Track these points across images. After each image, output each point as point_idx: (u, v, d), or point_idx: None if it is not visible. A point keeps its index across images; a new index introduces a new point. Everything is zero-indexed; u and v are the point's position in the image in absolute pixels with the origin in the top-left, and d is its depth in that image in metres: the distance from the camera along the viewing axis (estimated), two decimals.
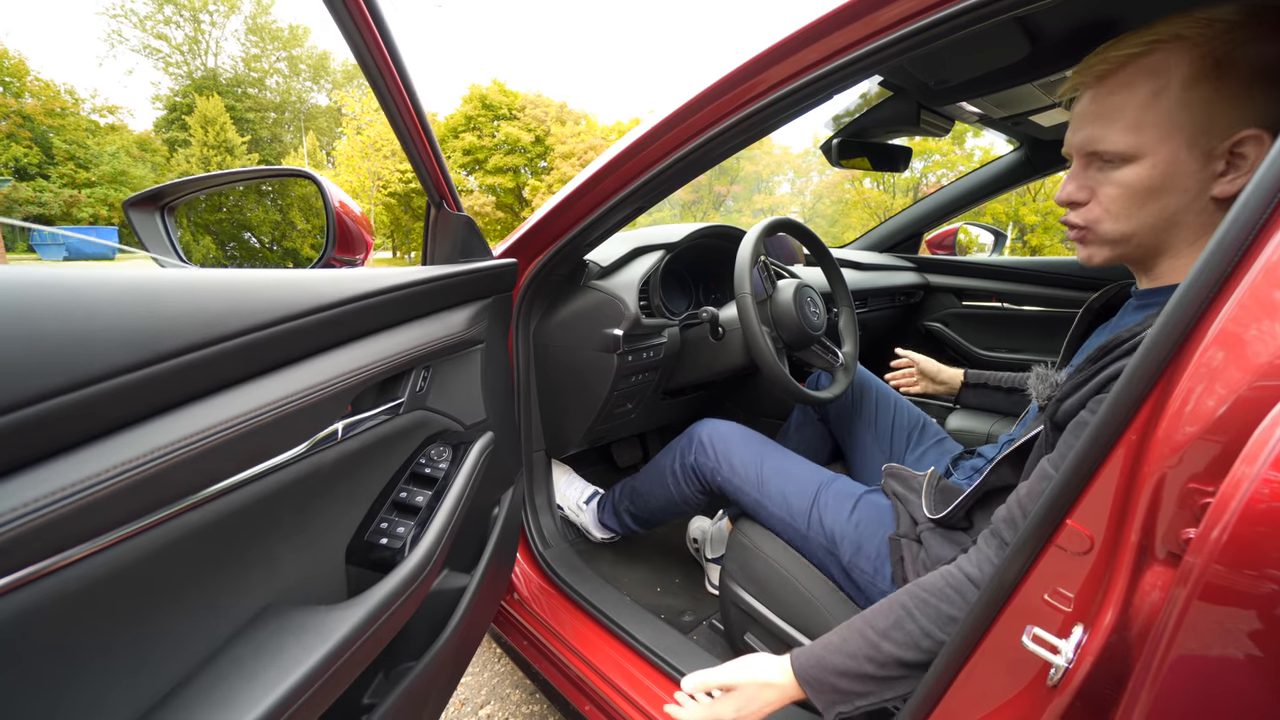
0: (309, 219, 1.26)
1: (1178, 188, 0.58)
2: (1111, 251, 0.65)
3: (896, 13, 0.64)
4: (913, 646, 0.63)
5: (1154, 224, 0.61)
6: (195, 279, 0.42)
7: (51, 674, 0.31)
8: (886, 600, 0.67)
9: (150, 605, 0.38)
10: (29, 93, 26.98)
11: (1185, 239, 0.61)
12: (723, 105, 0.81)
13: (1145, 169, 0.59)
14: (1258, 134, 0.54)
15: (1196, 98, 0.55)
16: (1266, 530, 0.34)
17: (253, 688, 0.40)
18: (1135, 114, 0.58)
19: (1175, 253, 0.62)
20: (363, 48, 0.59)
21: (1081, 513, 0.49)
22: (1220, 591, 0.35)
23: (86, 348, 0.31)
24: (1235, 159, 0.56)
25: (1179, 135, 0.57)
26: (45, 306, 0.31)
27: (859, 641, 0.66)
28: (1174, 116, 0.56)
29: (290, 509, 0.52)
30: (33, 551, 0.28)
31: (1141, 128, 0.58)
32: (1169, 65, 0.56)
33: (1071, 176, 0.65)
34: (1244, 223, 0.41)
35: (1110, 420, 0.46)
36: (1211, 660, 0.36)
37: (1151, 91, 0.57)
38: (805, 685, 0.67)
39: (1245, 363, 0.39)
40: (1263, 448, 0.35)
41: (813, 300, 1.17)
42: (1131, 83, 0.58)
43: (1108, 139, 0.60)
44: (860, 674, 0.64)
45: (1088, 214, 0.64)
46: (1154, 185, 0.59)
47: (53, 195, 25.54)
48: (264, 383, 0.44)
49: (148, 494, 0.35)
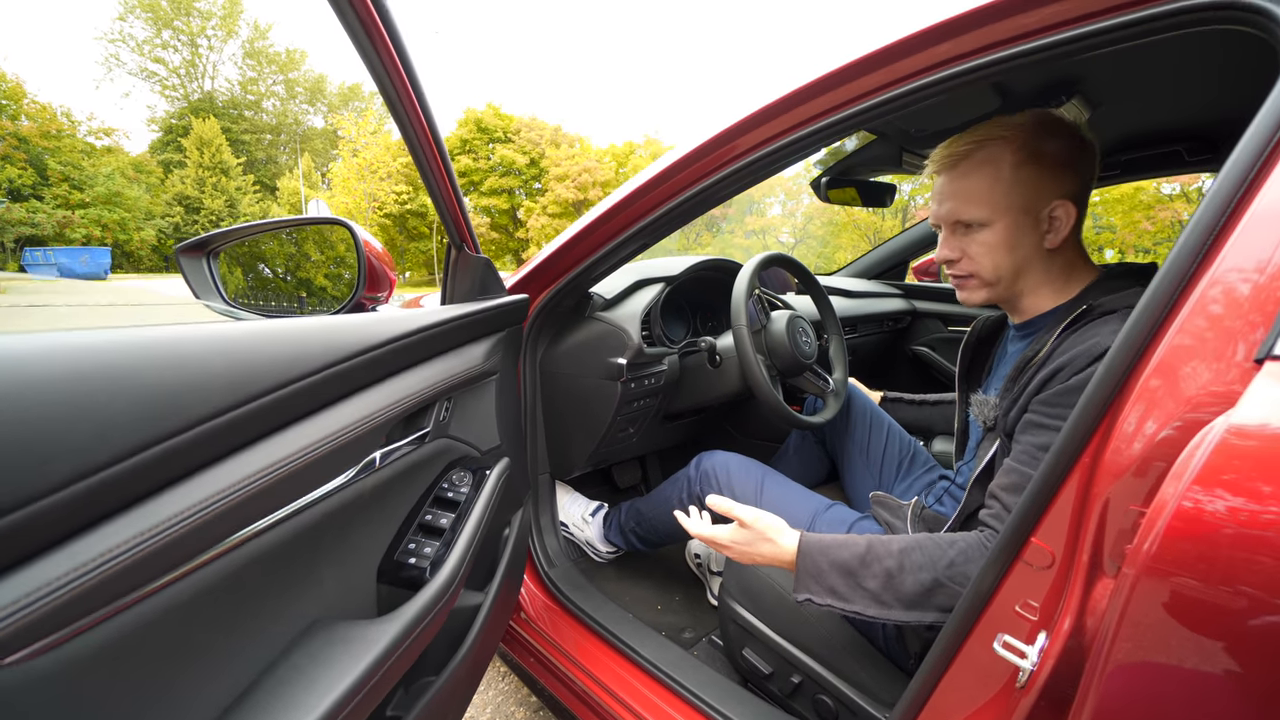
0: (322, 250, 1.33)
1: (1022, 244, 0.79)
2: (988, 293, 0.84)
3: (880, 79, 0.73)
4: (902, 570, 0.71)
5: (1012, 269, 0.81)
6: (264, 330, 0.48)
7: (160, 675, 0.37)
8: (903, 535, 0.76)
9: (229, 620, 0.43)
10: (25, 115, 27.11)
11: (1036, 281, 0.82)
12: (728, 151, 0.88)
13: (997, 232, 0.79)
14: (1064, 203, 0.77)
15: (1023, 177, 0.77)
16: (1190, 542, 0.40)
17: (312, 692, 0.46)
18: (984, 193, 0.78)
19: (1031, 292, 0.83)
20: (405, 119, 0.66)
21: (1044, 531, 0.55)
22: (1151, 598, 0.41)
23: (195, 393, 0.37)
24: (1053, 221, 0.78)
25: (1016, 206, 0.77)
26: (162, 357, 0.37)
27: (862, 546, 0.74)
28: (1010, 193, 0.77)
29: (333, 532, 0.57)
30: (169, 561, 0.34)
31: (989, 202, 0.78)
32: (1000, 156, 0.77)
33: (943, 243, 0.85)
34: (1174, 276, 0.48)
35: (1067, 447, 0.53)
36: (1146, 659, 0.42)
37: (992, 175, 0.78)
38: (799, 557, 0.77)
39: (1178, 394, 0.46)
40: (1185, 468, 0.41)
41: (804, 330, 1.24)
42: (976, 170, 0.79)
43: (968, 212, 0.80)
44: (847, 570, 0.74)
45: (967, 266, 0.83)
46: (1005, 242, 0.79)
47: (46, 216, 25.55)
48: (322, 418, 0.50)
49: (236, 518, 0.40)
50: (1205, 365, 0.45)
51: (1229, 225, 0.47)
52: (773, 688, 0.98)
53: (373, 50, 0.59)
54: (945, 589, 0.69)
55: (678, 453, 1.82)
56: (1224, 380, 0.44)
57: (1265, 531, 0.37)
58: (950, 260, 0.84)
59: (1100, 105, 1.07)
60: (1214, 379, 0.44)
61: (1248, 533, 0.37)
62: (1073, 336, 0.71)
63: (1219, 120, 1.16)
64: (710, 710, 0.91)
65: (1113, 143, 1.36)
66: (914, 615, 0.70)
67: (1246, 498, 0.38)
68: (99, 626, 0.32)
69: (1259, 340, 0.42)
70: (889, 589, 0.71)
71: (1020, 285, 0.82)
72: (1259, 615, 0.37)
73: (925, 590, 0.70)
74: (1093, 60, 0.92)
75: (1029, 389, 0.73)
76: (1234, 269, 0.46)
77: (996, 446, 0.79)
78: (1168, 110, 1.17)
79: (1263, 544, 0.37)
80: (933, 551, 0.71)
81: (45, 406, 0.30)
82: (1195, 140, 1.25)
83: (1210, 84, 0.98)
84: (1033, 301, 0.83)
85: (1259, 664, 0.38)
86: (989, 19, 0.63)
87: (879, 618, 0.72)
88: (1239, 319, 0.44)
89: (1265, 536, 0.37)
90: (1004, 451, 0.78)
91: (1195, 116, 1.18)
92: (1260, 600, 0.37)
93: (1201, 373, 0.45)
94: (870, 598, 0.72)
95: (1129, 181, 1.51)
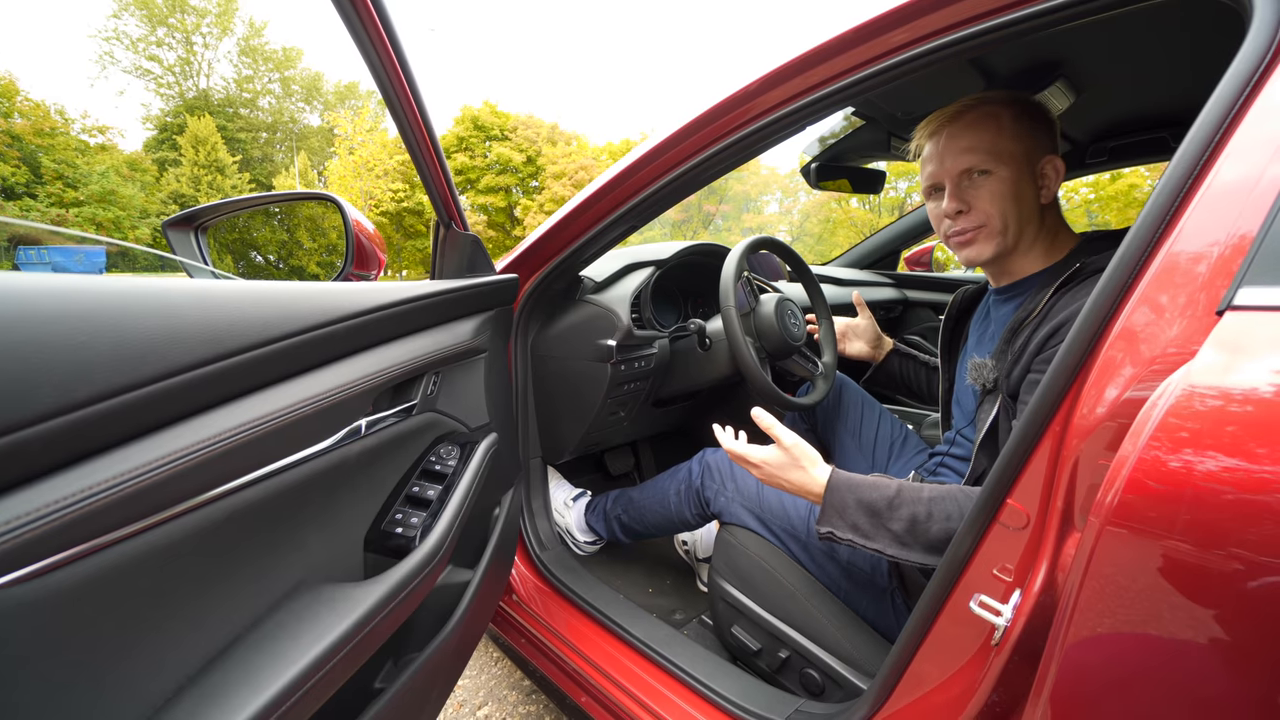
0: (315, 238, 1.34)
1: (1024, 194, 0.82)
2: (999, 242, 0.85)
3: (868, 52, 0.73)
4: (930, 518, 0.72)
5: (1017, 219, 0.83)
6: (249, 288, 0.49)
7: (147, 617, 0.37)
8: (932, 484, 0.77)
9: (214, 571, 0.44)
10: (18, 113, 26.96)
11: (1031, 238, 0.85)
12: (712, 131, 0.89)
13: (1004, 180, 0.82)
14: (1053, 159, 0.82)
15: (1021, 131, 0.81)
16: (1148, 494, 0.41)
17: (297, 646, 0.46)
18: (989, 142, 0.82)
19: (1026, 251, 0.86)
20: (387, 83, 0.67)
21: (1019, 492, 0.56)
22: (1113, 548, 0.42)
23: (178, 343, 0.38)
24: (1044, 178, 0.83)
25: (1019, 156, 0.81)
26: (145, 305, 0.37)
27: (891, 490, 0.76)
28: (1013, 143, 0.81)
29: (319, 496, 0.58)
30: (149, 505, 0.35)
31: (994, 151, 0.81)
32: (999, 110, 0.82)
33: (950, 196, 0.86)
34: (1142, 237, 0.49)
35: (1039, 409, 0.54)
36: (1109, 608, 0.43)
37: (995, 127, 0.81)
38: (828, 492, 0.79)
39: (1140, 355, 0.47)
40: (1144, 425, 0.42)
41: (793, 313, 1.25)
42: (979, 122, 0.82)
43: (975, 160, 0.83)
44: (873, 511, 0.75)
45: (976, 218, 0.85)
46: (1010, 191, 0.82)
47: (39, 214, 25.40)
48: (306, 380, 0.51)
49: (219, 469, 0.41)
50: (1169, 324, 0.46)
51: (1194, 187, 0.48)
52: (761, 663, 0.99)
53: (356, 17, 0.60)
54: None
55: (670, 441, 1.83)
56: (1186, 338, 0.45)
57: (1219, 486, 0.38)
58: (959, 212, 0.85)
59: (1083, 90, 1.08)
60: (1177, 336, 0.45)
61: (1203, 486, 0.38)
62: (1067, 295, 0.73)
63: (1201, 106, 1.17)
64: (700, 686, 0.92)
65: (1100, 129, 1.38)
66: (932, 559, 0.72)
67: (1201, 451, 0.39)
68: (83, 560, 0.33)
69: (1219, 295, 0.43)
70: (913, 533, 0.73)
71: (1021, 239, 0.85)
72: (1213, 565, 0.38)
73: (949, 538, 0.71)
74: (1075, 41, 0.94)
75: (1029, 349, 0.74)
76: (1197, 229, 0.47)
77: (999, 407, 0.80)
78: (1151, 96, 1.18)
79: (1216, 497, 0.38)
80: (964, 503, 0.72)
81: (25, 344, 0.30)
82: (1180, 126, 1.27)
83: (1190, 68, 0.99)
84: (1024, 262, 0.86)
85: (1213, 611, 0.39)
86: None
87: (897, 557, 0.74)
88: (1202, 276, 0.45)
89: (1219, 490, 0.38)
90: (1007, 412, 0.79)
91: (1178, 103, 1.19)
92: (1215, 552, 0.38)
93: (1166, 331, 0.47)
94: (893, 538, 0.74)
95: (1118, 168, 1.52)
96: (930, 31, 0.68)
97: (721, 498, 1.10)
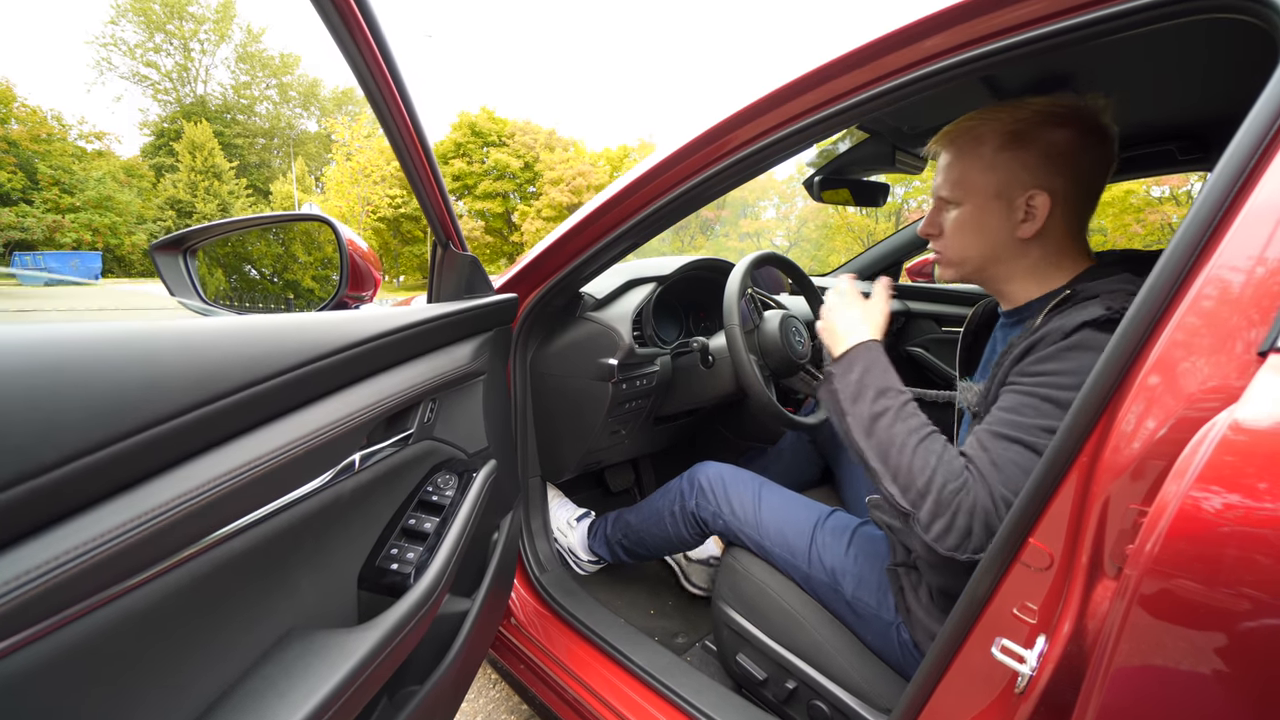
0: (310, 251, 1.31)
1: (989, 229, 0.78)
2: (954, 272, 0.85)
3: (874, 71, 0.72)
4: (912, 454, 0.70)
5: (979, 254, 0.81)
6: (235, 326, 0.46)
7: (125, 685, 0.35)
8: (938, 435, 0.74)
9: (200, 628, 0.41)
10: (15, 119, 26.92)
11: (1013, 269, 0.80)
12: (715, 149, 0.87)
13: (965, 213, 0.79)
14: (1041, 194, 0.74)
15: (1000, 162, 0.75)
16: (1193, 542, 0.39)
17: (285, 705, 0.43)
18: (961, 173, 0.79)
19: (1011, 280, 0.81)
20: (381, 103, 0.65)
21: (1042, 532, 0.54)
22: (1155, 600, 0.40)
23: (159, 391, 0.35)
24: (1029, 211, 0.75)
25: (987, 191, 0.77)
26: (123, 353, 0.35)
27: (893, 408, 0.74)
28: (984, 177, 0.77)
29: (310, 537, 0.55)
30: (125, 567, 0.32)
31: (963, 183, 0.79)
32: (985, 138, 0.76)
33: (928, 215, 0.86)
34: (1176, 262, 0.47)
35: (1065, 445, 0.51)
36: (1151, 663, 0.41)
37: (973, 156, 0.77)
38: (853, 349, 0.81)
39: (1178, 391, 0.45)
40: (1188, 466, 0.40)
41: (797, 330, 1.23)
42: (965, 149, 0.78)
43: (944, 189, 0.81)
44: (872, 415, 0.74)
45: (940, 243, 0.84)
46: (971, 225, 0.79)
47: (35, 220, 25.34)
48: (296, 418, 0.48)
49: (205, 520, 0.38)
50: (1206, 360, 0.44)
51: (1227, 218, 0.46)
52: (767, 694, 0.96)
53: (352, 43, 0.58)
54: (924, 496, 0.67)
55: (671, 456, 1.81)
56: (1226, 375, 0.42)
57: (1271, 530, 0.35)
58: (929, 234, 0.86)
59: None
60: (1215, 374, 0.43)
61: (1253, 532, 0.36)
62: (1056, 319, 0.70)
63: (1210, 119, 1.15)
64: (704, 717, 0.89)
65: None
66: (880, 472, 0.71)
67: (1252, 495, 0.37)
68: (53, 634, 0.30)
69: (1262, 334, 0.41)
70: (886, 451, 0.71)
71: (993, 271, 0.82)
72: (1264, 618, 0.36)
73: (909, 479, 0.68)
74: (1085, 55, 0.92)
75: (1005, 365, 0.73)
76: (1234, 262, 0.45)
77: None
78: (1159, 108, 1.16)
79: (1268, 544, 0.35)
80: (946, 469, 0.68)
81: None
82: (1187, 139, 1.25)
83: (1201, 81, 0.97)
84: (1019, 288, 0.82)
85: (1264, 668, 0.36)
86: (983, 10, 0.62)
87: (854, 450, 0.74)
88: (1240, 312, 0.43)
89: (1271, 536, 0.35)
90: None
91: (1186, 115, 1.17)
92: (1265, 602, 0.36)
93: (1202, 368, 0.44)
94: (864, 434, 0.73)
95: (1123, 180, 1.51)
96: (937, 52, 0.66)
97: (720, 520, 1.07)
